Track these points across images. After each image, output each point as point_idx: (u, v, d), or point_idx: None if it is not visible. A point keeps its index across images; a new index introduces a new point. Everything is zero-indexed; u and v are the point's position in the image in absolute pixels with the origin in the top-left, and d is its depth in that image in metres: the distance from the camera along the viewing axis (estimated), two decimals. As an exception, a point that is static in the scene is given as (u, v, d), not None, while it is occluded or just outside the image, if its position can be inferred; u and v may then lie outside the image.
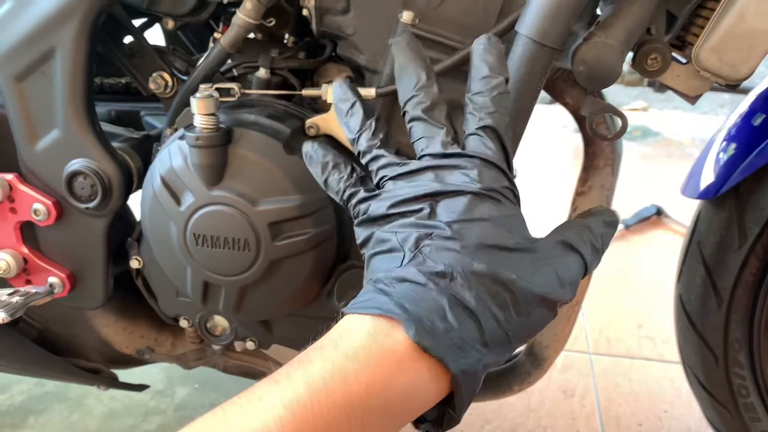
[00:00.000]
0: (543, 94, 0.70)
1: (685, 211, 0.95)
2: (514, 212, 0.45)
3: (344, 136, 0.54)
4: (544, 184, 2.18)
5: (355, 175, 0.51)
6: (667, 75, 0.67)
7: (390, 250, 0.44)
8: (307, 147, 0.56)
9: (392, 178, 0.47)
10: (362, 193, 0.49)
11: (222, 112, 0.67)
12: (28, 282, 0.80)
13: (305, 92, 0.73)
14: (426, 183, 0.45)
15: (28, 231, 0.79)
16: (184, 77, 0.78)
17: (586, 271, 0.45)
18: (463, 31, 0.66)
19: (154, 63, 0.78)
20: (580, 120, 0.79)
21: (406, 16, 0.65)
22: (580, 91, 0.77)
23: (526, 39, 0.56)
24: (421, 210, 0.44)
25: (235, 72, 0.77)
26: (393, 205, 0.45)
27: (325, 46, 0.76)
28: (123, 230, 0.81)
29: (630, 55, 0.66)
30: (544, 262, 0.43)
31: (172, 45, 0.83)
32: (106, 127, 0.81)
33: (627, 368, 1.44)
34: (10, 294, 0.75)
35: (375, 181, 0.49)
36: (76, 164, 0.73)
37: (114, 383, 0.99)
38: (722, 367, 0.92)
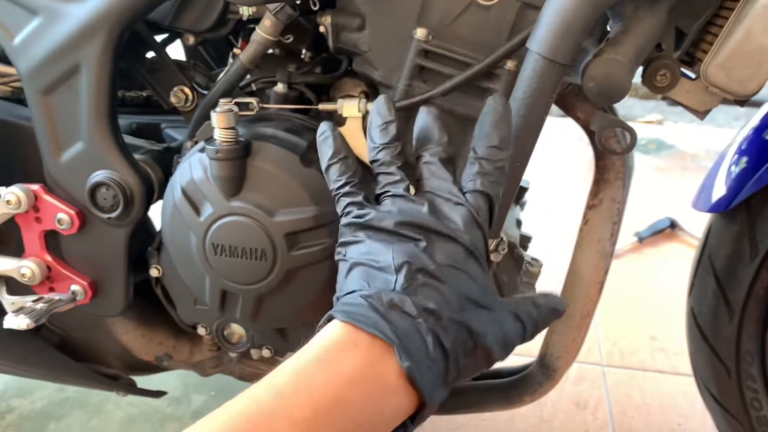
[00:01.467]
0: (555, 107, 0.71)
1: (699, 223, 0.95)
2: (486, 272, 0.50)
3: (359, 149, 0.56)
4: (559, 197, 2.18)
5: (358, 174, 0.54)
6: (676, 90, 0.67)
7: (382, 269, 0.47)
8: (326, 127, 0.56)
9: (394, 197, 0.51)
10: (361, 198, 0.52)
11: (241, 125, 0.69)
12: (52, 289, 0.82)
13: (322, 106, 0.74)
14: (426, 216, 0.49)
15: (52, 240, 0.81)
16: (205, 91, 0.81)
17: (522, 341, 0.51)
18: (476, 48, 0.67)
19: (175, 78, 0.80)
20: (590, 134, 0.80)
21: (420, 33, 0.67)
22: (591, 106, 0.78)
23: (537, 56, 0.57)
24: (418, 240, 0.48)
25: (253, 87, 0.78)
26: (395, 224, 0.49)
27: (341, 62, 0.78)
28: (143, 240, 0.83)
29: (640, 70, 0.67)
30: (498, 324, 0.48)
31: (193, 60, 0.85)
32: (128, 139, 0.84)
33: (640, 381, 1.44)
34: (34, 301, 0.78)
35: (378, 190, 0.53)
36: (99, 176, 0.76)
37: (132, 389, 1.00)
38: (734, 380, 0.91)
